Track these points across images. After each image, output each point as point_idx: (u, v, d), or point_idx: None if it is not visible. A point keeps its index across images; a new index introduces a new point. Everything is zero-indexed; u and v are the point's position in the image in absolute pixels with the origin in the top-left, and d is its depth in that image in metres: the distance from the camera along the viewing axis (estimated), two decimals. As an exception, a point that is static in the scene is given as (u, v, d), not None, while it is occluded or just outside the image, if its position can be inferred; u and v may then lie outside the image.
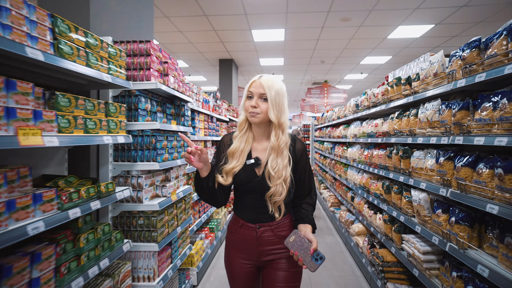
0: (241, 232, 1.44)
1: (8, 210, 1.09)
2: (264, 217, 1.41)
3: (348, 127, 4.80)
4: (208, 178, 1.36)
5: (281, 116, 1.36)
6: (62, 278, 1.34)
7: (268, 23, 5.62)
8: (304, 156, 1.47)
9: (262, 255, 1.41)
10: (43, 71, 1.51)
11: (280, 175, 1.34)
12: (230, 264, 1.48)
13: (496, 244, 1.55)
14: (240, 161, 1.38)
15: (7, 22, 1.10)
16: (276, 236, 1.41)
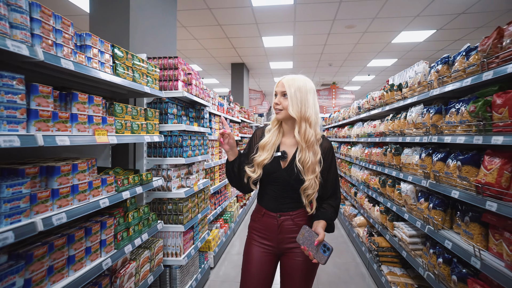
0: (264, 221, 1.52)
1: (89, 188, 1.52)
2: (285, 207, 1.48)
3: (352, 128, 5.14)
4: (233, 163, 1.50)
5: (305, 110, 1.39)
6: (119, 243, 1.77)
7: (277, 31, 6.01)
8: (330, 155, 1.49)
9: (283, 243, 1.49)
10: (103, 86, 1.95)
11: (313, 169, 1.40)
12: (250, 249, 1.54)
13: (459, 223, 1.90)
14: (269, 153, 1.46)
15: (90, 55, 1.54)
16: (295, 225, 1.48)
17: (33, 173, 1.26)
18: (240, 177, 1.52)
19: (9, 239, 1.05)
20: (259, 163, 1.46)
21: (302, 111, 1.39)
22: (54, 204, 1.30)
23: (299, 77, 1.45)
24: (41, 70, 1.41)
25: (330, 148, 1.51)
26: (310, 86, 1.45)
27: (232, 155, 1.51)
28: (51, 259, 1.32)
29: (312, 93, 1.44)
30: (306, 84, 1.44)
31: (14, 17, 1.11)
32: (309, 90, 1.43)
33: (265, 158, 1.46)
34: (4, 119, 1.07)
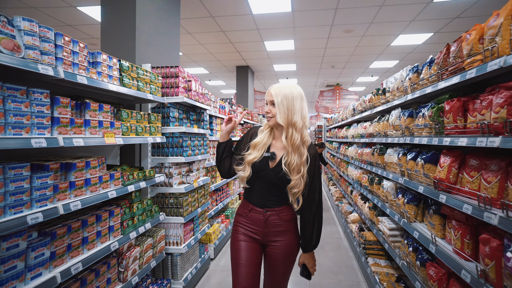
0: (251, 215, 1.64)
1: (100, 182, 1.83)
2: (271, 203, 1.61)
3: (349, 129, 5.34)
4: (220, 145, 1.70)
5: (292, 116, 1.50)
6: (125, 229, 2.07)
7: (278, 36, 6.26)
8: (314, 161, 1.58)
9: (268, 235, 1.61)
10: (113, 94, 2.26)
11: (298, 170, 1.51)
12: (236, 239, 1.66)
13: (426, 216, 2.12)
14: (260, 152, 1.57)
15: (100, 70, 1.85)
16: (280, 220, 1.61)
17: (55, 168, 1.56)
18: (223, 160, 1.70)
19: (39, 219, 1.35)
20: (249, 161, 1.57)
21: (289, 118, 1.50)
22: (71, 194, 1.60)
23: (285, 86, 1.54)
24: (61, 84, 1.71)
25: (316, 156, 1.61)
26: (297, 93, 1.53)
27: (223, 138, 1.70)
28: (70, 238, 1.62)
29: (299, 99, 1.53)
30: (292, 91, 1.52)
31: (43, 46, 1.42)
32: (295, 97, 1.51)
33: (255, 157, 1.56)
34: (35, 125, 1.37)
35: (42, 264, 1.43)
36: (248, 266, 1.59)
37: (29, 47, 1.33)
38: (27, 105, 1.32)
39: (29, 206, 1.35)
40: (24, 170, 1.33)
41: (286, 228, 1.63)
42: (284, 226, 1.63)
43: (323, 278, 3.32)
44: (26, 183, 1.33)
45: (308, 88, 13.04)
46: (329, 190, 7.75)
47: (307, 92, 13.97)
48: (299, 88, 1.58)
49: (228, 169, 1.71)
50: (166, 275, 2.83)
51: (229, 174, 1.73)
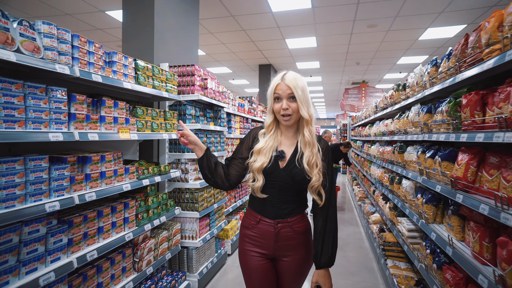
0: (259, 228, 1.42)
1: (115, 175, 1.93)
2: (283, 213, 1.39)
3: (371, 127, 5.17)
4: (202, 159, 1.44)
5: (310, 110, 1.37)
6: (139, 221, 2.17)
7: (299, 33, 6.20)
8: (327, 155, 1.44)
9: (279, 250, 1.42)
10: (130, 92, 2.37)
11: (316, 163, 1.36)
12: (246, 260, 1.46)
13: (445, 217, 2.00)
14: (267, 156, 1.38)
15: (115, 69, 1.95)
16: (294, 232, 1.41)
17: (72, 161, 1.67)
18: (216, 172, 1.46)
19: (56, 207, 1.46)
20: (258, 169, 1.37)
21: (309, 111, 1.37)
22: (87, 185, 1.71)
23: (298, 76, 1.39)
24: (78, 82, 1.83)
25: (328, 149, 1.45)
26: (306, 83, 1.40)
27: (199, 151, 1.46)
28: (86, 227, 1.73)
29: (307, 91, 1.39)
30: (304, 82, 1.38)
31: (61, 47, 1.52)
32: (307, 88, 1.39)
33: (263, 162, 1.37)
34: (53, 120, 1.48)
35: (61, 249, 1.54)
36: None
37: (47, 48, 1.43)
38: (45, 102, 1.43)
39: (47, 195, 1.46)
40: (43, 162, 1.44)
41: (298, 242, 1.43)
42: (297, 239, 1.43)
43: (339, 278, 3.25)
44: (45, 174, 1.44)
45: (333, 86, 12.78)
46: (352, 190, 7.56)
47: (331, 90, 13.69)
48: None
49: (225, 176, 1.47)
50: (182, 268, 2.92)
51: (228, 181, 1.47)
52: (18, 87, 1.32)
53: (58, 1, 4.81)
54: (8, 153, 1.67)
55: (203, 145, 1.48)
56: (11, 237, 1.32)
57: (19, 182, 1.32)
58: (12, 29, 1.27)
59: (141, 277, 2.17)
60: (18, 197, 1.32)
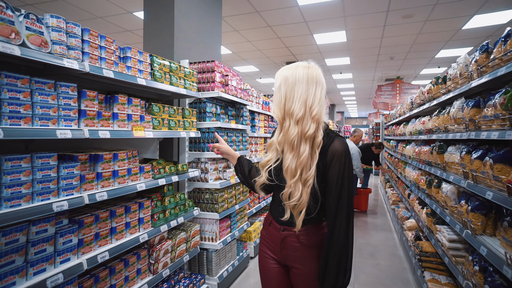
0: (270, 231, 1.34)
1: (128, 174, 1.87)
2: (289, 220, 1.23)
3: (406, 125, 4.78)
4: (236, 168, 1.49)
5: (291, 105, 1.17)
6: (155, 222, 2.10)
7: (327, 27, 5.91)
8: (338, 160, 1.15)
9: (286, 259, 1.29)
10: (146, 89, 2.32)
11: (293, 173, 1.15)
12: (261, 261, 1.39)
13: (499, 229, 1.71)
14: (274, 153, 1.27)
15: (129, 65, 1.89)
16: (301, 244, 1.24)
17: (84, 159, 1.63)
18: (250, 178, 1.44)
19: (64, 207, 1.41)
20: (262, 164, 1.29)
21: (286, 107, 1.18)
22: (98, 185, 1.66)
23: (291, 66, 1.23)
24: (89, 78, 1.79)
25: (343, 153, 1.15)
26: (302, 74, 1.17)
27: (232, 159, 1.51)
28: (97, 227, 1.68)
29: (304, 82, 1.17)
30: (296, 72, 1.18)
31: (70, 41, 1.48)
32: (299, 80, 1.17)
33: (269, 158, 1.27)
34: (62, 117, 1.44)
35: (71, 250, 1.50)
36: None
37: (56, 42, 1.39)
38: (54, 98, 1.39)
39: (56, 194, 1.41)
40: (51, 160, 1.39)
41: (308, 255, 1.24)
42: (304, 252, 1.24)
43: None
44: (53, 172, 1.40)
45: (364, 83, 12.20)
46: (385, 193, 7.12)
47: (363, 87, 13.09)
48: (313, 70, 1.20)
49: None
50: (201, 271, 2.84)
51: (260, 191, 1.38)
52: (24, 82, 1.28)
53: (90, 4, 4.98)
54: (25, 150, 1.66)
55: (235, 154, 1.51)
56: (18, 236, 1.28)
57: (25, 180, 1.28)
58: (17, 22, 1.23)
59: (156, 279, 2.10)
60: (24, 196, 1.28)
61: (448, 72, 2.62)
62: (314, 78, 1.18)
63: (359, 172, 5.35)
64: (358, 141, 5.83)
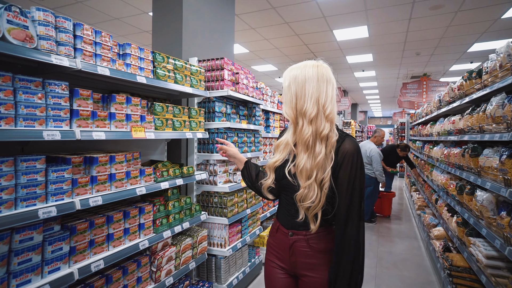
0: (277, 237, 1.29)
1: (127, 177, 1.77)
2: (298, 223, 1.20)
3: (434, 125, 4.42)
4: (242, 172, 1.46)
5: (303, 104, 1.15)
6: (157, 228, 1.99)
7: (348, 22, 5.63)
8: (349, 161, 1.12)
9: (296, 267, 1.23)
10: (150, 88, 2.22)
11: (309, 174, 1.12)
12: (267, 271, 1.33)
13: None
14: (282, 155, 1.24)
15: (128, 62, 1.79)
16: (311, 249, 1.19)
17: (78, 162, 1.54)
18: (257, 182, 1.41)
19: (52, 213, 1.32)
20: (270, 165, 1.26)
21: (298, 106, 1.15)
22: (93, 189, 1.56)
23: (300, 65, 1.21)
24: (83, 75, 1.70)
25: (354, 153, 1.12)
26: (312, 73, 1.14)
27: (240, 163, 1.48)
28: (93, 234, 1.59)
29: (314, 81, 1.13)
30: (305, 71, 1.16)
31: (60, 37, 1.39)
32: (309, 78, 1.14)
33: (277, 159, 1.24)
34: (51, 117, 1.35)
35: (61, 259, 1.41)
36: None
37: (42, 37, 1.30)
38: (41, 97, 1.30)
39: (43, 200, 1.32)
40: (38, 163, 1.31)
41: (319, 262, 1.19)
42: (316, 258, 1.19)
43: (391, 304, 2.74)
44: (39, 176, 1.31)
45: (388, 81, 11.66)
46: (410, 197, 6.69)
47: (387, 85, 12.53)
48: (323, 68, 1.17)
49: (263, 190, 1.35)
50: (210, 278, 2.71)
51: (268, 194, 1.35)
52: (5, 79, 1.20)
53: (107, 6, 5.02)
54: (21, 152, 1.60)
55: (242, 157, 1.49)
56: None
57: (6, 185, 1.20)
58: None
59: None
60: (5, 202, 1.19)
61: (483, 65, 2.32)
62: (324, 76, 1.16)
63: (380, 175, 5.03)
64: (380, 142, 5.49)
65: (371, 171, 5.10)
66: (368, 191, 5.13)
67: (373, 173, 5.09)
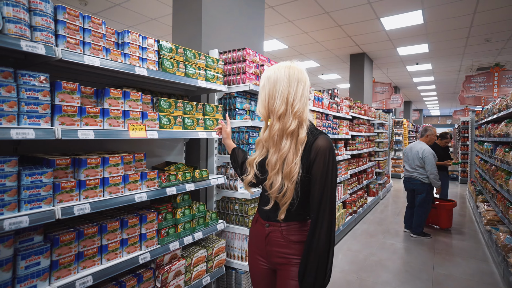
0: (256, 227, 1.38)
1: (124, 182, 1.56)
2: (274, 215, 1.28)
3: (510, 123, 3.60)
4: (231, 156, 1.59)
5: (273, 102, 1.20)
6: (162, 238, 1.77)
7: (398, 7, 4.95)
8: (321, 158, 1.16)
9: (272, 256, 1.31)
10: (157, 82, 2.02)
11: (273, 166, 1.19)
12: (249, 260, 1.42)
13: None
14: (262, 152, 1.29)
15: (127, 52, 1.59)
16: (284, 240, 1.27)
17: (64, 164, 1.36)
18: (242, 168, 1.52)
19: (23, 223, 1.15)
20: (250, 162, 1.32)
21: (269, 105, 1.22)
22: (81, 195, 1.37)
23: (274, 66, 1.26)
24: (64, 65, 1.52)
25: (326, 149, 1.17)
26: (283, 73, 1.20)
27: (228, 148, 1.64)
28: (81, 246, 1.40)
29: (284, 80, 1.19)
30: (278, 71, 1.21)
31: (35, 21, 1.21)
32: (280, 78, 1.20)
33: (256, 156, 1.31)
34: (25, 113, 1.18)
35: (38, 275, 1.24)
36: None
37: (10, 20, 1.13)
38: (10, 90, 1.13)
39: (13, 208, 1.16)
40: (7, 166, 1.14)
41: (292, 251, 1.26)
42: (289, 248, 1.26)
43: None
44: (9, 181, 1.15)
45: (448, 75, 10.34)
46: (476, 208, 5.70)
47: (446, 79, 11.13)
48: (295, 69, 1.22)
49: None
50: (229, 293, 2.44)
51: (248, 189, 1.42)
52: (-36, 69, 1.04)
53: (144, 7, 5.08)
54: (14, 153, 1.48)
55: (232, 144, 1.65)
56: (-40, 260, 1.04)
57: (-37, 191, 1.04)
58: (-46, -5, 0.99)
59: (163, 307, 1.77)
60: (-38, 211, 1.04)
61: None
62: (295, 76, 1.21)
63: (435, 179, 4.30)
64: (432, 142, 4.73)
65: (423, 176, 4.39)
66: (419, 199, 4.43)
67: (425, 178, 4.37)
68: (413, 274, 3.29)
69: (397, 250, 4.02)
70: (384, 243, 4.25)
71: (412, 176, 4.48)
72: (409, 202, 4.73)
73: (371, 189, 6.51)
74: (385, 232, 4.77)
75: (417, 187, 4.44)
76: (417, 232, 4.52)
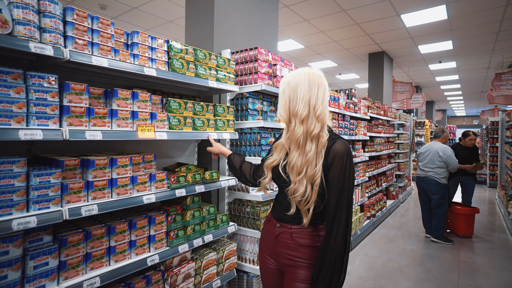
0: (268, 227, 1.41)
1: (133, 183, 1.56)
2: (286, 217, 1.30)
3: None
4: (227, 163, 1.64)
5: (295, 106, 1.21)
6: (171, 240, 1.75)
7: (419, 3, 4.74)
8: (339, 161, 1.17)
9: (279, 257, 1.32)
10: (166, 83, 2.01)
11: (299, 170, 1.18)
12: (259, 259, 1.45)
13: None
14: (280, 155, 1.30)
15: (136, 52, 1.58)
16: (293, 242, 1.28)
17: (73, 165, 1.37)
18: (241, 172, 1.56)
19: (31, 224, 1.15)
20: (268, 165, 1.32)
21: (290, 108, 1.23)
22: (88, 196, 1.37)
23: (293, 72, 1.27)
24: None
25: (344, 154, 1.18)
26: (304, 78, 1.21)
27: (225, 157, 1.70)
28: (89, 247, 1.40)
29: (306, 84, 1.20)
30: (298, 76, 1.23)
31: (44, 22, 1.22)
32: (301, 83, 1.21)
33: (274, 160, 1.30)
34: (34, 114, 1.19)
35: (46, 275, 1.25)
36: None
37: (20, 22, 1.14)
38: (19, 91, 1.14)
39: (22, 208, 1.17)
40: (16, 166, 1.15)
41: (300, 255, 1.26)
42: (297, 251, 1.27)
43: None
44: (18, 181, 1.16)
45: (474, 73, 9.84)
46: (508, 215, 5.36)
47: (472, 78, 10.60)
48: (314, 75, 1.23)
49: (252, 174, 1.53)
50: (241, 297, 2.39)
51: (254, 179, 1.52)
52: (-26, 71, 1.05)
53: (161, 10, 5.16)
54: (27, 153, 1.51)
55: (227, 151, 1.70)
56: (-31, 259, 1.06)
57: (-29, 191, 1.06)
58: (-36, -2, 1.01)
59: (172, 310, 1.75)
60: (-29, 211, 1.05)
61: None
62: (315, 81, 1.22)
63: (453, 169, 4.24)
64: (446, 142, 4.56)
65: (439, 176, 4.21)
66: (434, 201, 4.26)
67: (442, 178, 4.20)
68: (436, 283, 3.12)
69: (418, 256, 3.83)
70: (404, 249, 4.06)
71: (427, 176, 4.33)
72: (423, 202, 4.55)
73: (390, 192, 6.28)
74: (405, 237, 4.57)
75: (431, 187, 4.28)
76: (438, 236, 4.31)
